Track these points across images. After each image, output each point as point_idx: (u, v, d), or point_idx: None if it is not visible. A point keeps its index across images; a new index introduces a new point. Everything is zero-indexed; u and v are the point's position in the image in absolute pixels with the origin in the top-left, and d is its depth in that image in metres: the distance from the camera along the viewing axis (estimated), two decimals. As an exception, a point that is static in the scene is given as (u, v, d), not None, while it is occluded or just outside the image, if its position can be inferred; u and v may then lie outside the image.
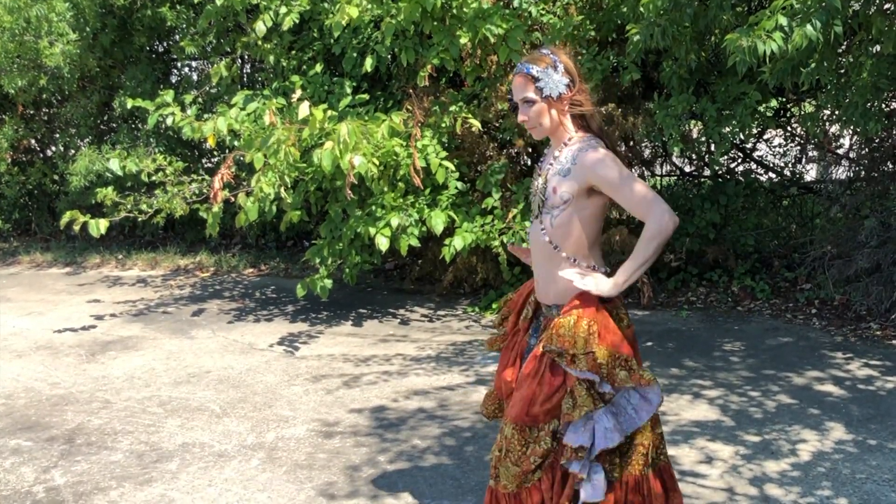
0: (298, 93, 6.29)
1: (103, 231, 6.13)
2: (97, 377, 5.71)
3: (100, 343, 6.55)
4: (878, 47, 4.97)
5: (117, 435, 4.66)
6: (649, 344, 6.09)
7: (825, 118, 6.54)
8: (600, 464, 2.77)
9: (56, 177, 10.67)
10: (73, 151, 10.02)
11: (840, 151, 7.60)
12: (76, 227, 6.15)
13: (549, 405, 2.80)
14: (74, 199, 9.72)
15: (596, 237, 2.89)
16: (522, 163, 7.33)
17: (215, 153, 9.74)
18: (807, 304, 6.68)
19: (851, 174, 7.38)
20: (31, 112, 10.79)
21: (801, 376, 5.25)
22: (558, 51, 2.87)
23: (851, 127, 6.26)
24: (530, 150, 7.15)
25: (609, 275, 2.86)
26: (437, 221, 6.12)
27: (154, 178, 6.97)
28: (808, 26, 4.07)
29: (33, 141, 11.23)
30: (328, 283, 6.42)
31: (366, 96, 6.77)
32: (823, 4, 4.05)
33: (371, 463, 4.20)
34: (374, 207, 6.27)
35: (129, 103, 6.59)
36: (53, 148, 11.31)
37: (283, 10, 6.53)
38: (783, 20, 4.16)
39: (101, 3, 8.60)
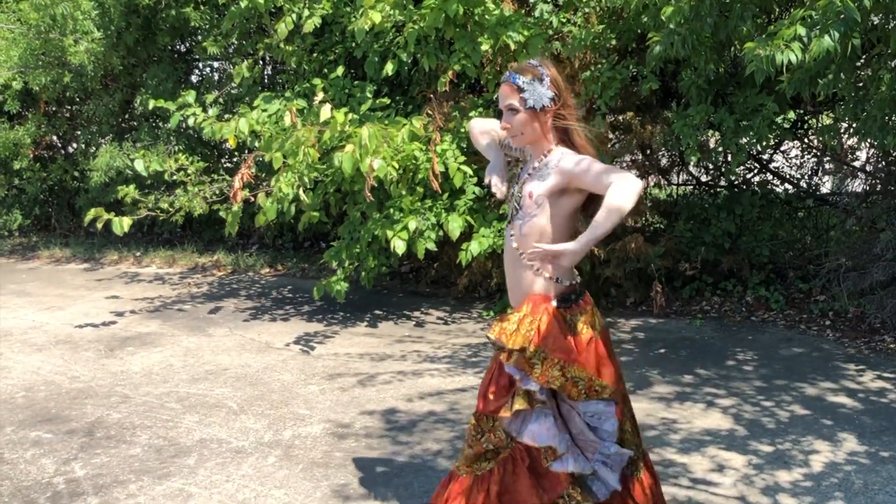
0: (320, 95, 6.35)
1: (126, 229, 6.20)
2: (116, 372, 5.78)
3: (118, 339, 6.63)
4: (896, 61, 5.00)
5: (136, 429, 4.73)
6: (663, 351, 6.12)
7: (842, 131, 6.56)
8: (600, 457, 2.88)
9: (77, 173, 10.77)
10: (94, 149, 10.11)
11: (856, 164, 7.60)
12: (99, 225, 6.23)
13: (503, 401, 2.91)
14: (94, 196, 9.83)
15: (564, 240, 2.88)
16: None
17: (235, 153, 9.81)
18: (821, 316, 6.69)
19: (868, 187, 7.38)
20: (54, 109, 10.90)
21: (815, 387, 5.27)
22: (548, 64, 2.92)
23: (868, 140, 6.28)
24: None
25: (574, 287, 2.96)
26: (455, 226, 6.17)
27: (175, 177, 7.05)
28: (826, 37, 4.08)
29: (55, 137, 11.34)
30: (345, 285, 6.48)
31: (387, 100, 6.83)
32: (842, 16, 4.07)
33: (386, 463, 4.24)
34: (391, 210, 6.33)
35: (152, 103, 6.67)
36: (75, 145, 11.41)
37: (306, 12, 6.59)
38: (801, 30, 4.18)
39: (125, 2, 8.68)
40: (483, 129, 3.25)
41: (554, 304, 2.89)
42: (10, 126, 10.04)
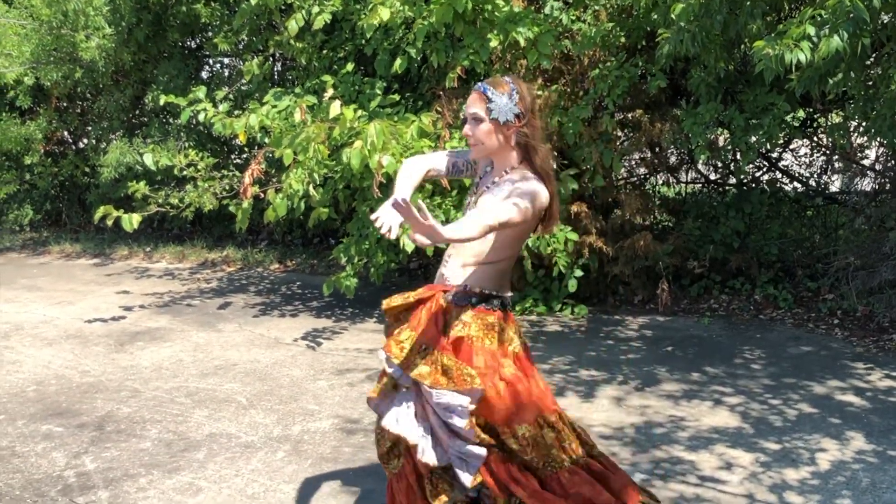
0: (330, 92, 6.37)
1: (136, 225, 6.24)
2: (126, 367, 5.82)
3: (128, 333, 6.67)
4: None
5: (146, 423, 4.76)
6: (670, 349, 6.12)
7: (852, 129, 6.55)
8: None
9: (87, 169, 10.82)
10: (104, 144, 10.16)
11: (866, 163, 7.59)
12: (109, 222, 6.26)
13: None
14: (105, 192, 9.87)
15: (505, 263, 3.00)
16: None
17: (245, 150, 9.84)
18: (829, 315, 6.69)
19: (877, 186, 7.37)
20: (65, 104, 10.95)
21: (823, 386, 5.27)
22: (520, 83, 2.96)
23: (878, 139, 6.27)
24: (555, 154, 7.19)
25: (504, 304, 3.03)
26: (464, 223, 6.17)
27: (185, 172, 7.08)
28: (835, 37, 4.09)
29: (66, 133, 11.40)
30: (354, 281, 6.51)
31: (396, 97, 6.84)
32: (851, 15, 4.07)
33: (394, 458, 4.26)
34: (401, 207, 6.33)
35: (163, 99, 6.71)
36: (85, 140, 11.46)
37: (316, 9, 6.61)
38: (811, 30, 4.18)
39: (137, -2, 8.74)
40: (421, 165, 3.15)
41: (450, 297, 2.99)
42: (21, 121, 10.09)
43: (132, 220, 6.22)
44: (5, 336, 6.60)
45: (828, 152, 7.98)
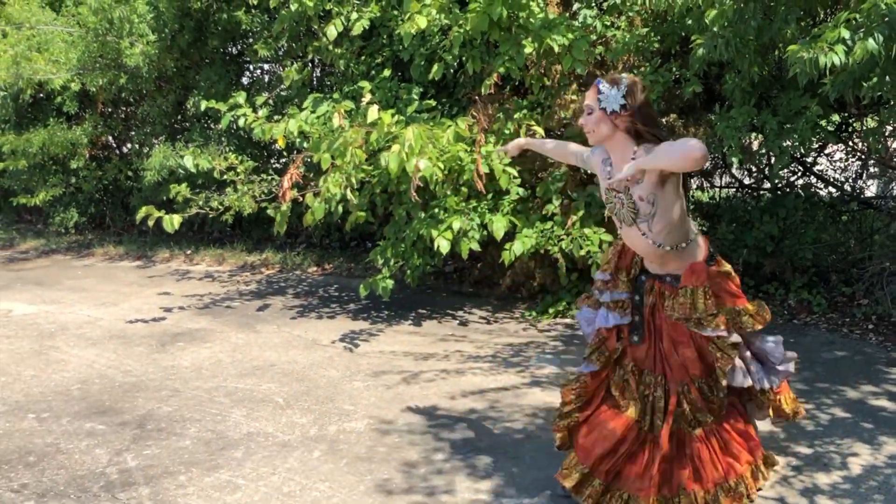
0: (368, 97, 6.46)
1: (177, 226, 6.35)
2: (166, 367, 5.95)
3: (169, 334, 6.81)
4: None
5: (186, 422, 4.88)
6: (704, 353, 6.12)
7: (887, 133, 6.52)
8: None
9: (130, 173, 11.00)
10: (147, 149, 10.33)
11: (901, 168, 7.55)
12: (150, 223, 6.39)
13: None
14: (147, 195, 10.03)
15: (683, 215, 3.39)
16: (583, 171, 7.41)
17: (284, 154, 9.97)
18: (864, 320, 6.66)
19: (913, 190, 7.33)
20: (110, 110, 11.15)
21: (856, 391, 5.26)
22: (634, 79, 3.32)
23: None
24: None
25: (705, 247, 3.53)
26: (499, 226, 6.25)
27: (225, 176, 7.21)
28: (870, 40, 4.09)
29: (111, 138, 11.58)
30: (390, 283, 6.59)
31: (433, 102, 6.92)
32: (886, 19, 4.08)
33: (427, 460, 4.33)
34: (436, 210, 6.42)
35: (204, 104, 6.84)
36: (129, 145, 11.65)
37: (354, 15, 6.71)
38: (845, 33, 4.19)
39: (179, 5, 8.88)
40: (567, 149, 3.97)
41: (711, 267, 3.47)
42: (68, 126, 10.28)
43: (173, 221, 6.34)
44: (51, 336, 6.77)
45: (863, 157, 7.93)
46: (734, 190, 8.68)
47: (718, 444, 3.53)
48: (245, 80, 10.53)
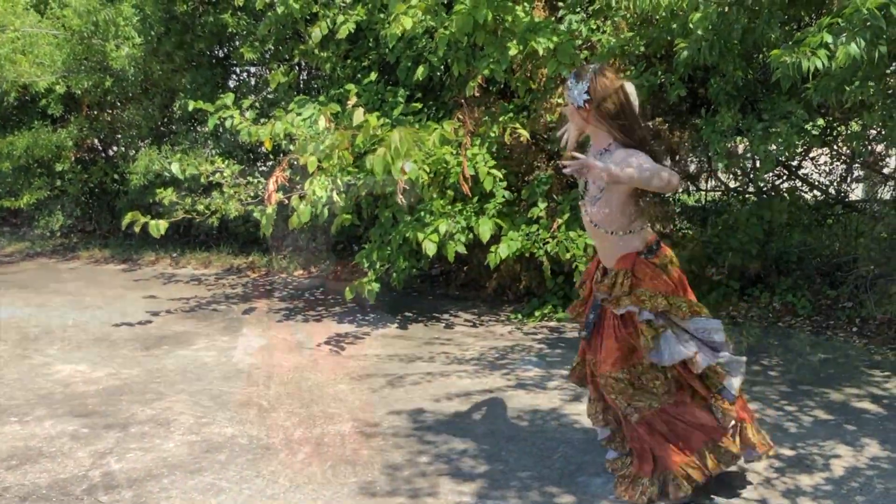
0: (353, 100, 6.46)
1: (163, 231, 6.35)
2: (151, 370, 5.93)
3: (154, 337, 6.79)
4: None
5: (170, 425, 4.86)
6: (689, 356, 6.14)
7: (871, 137, 6.55)
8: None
9: (116, 176, 10.97)
10: (133, 152, 10.31)
11: (886, 171, 7.58)
12: (137, 228, 6.38)
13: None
14: (133, 198, 10.01)
15: (631, 209, 3.50)
16: (569, 176, 7.42)
17: (271, 157, 9.96)
18: (848, 322, 6.69)
19: (896, 193, 7.37)
20: (96, 112, 11.10)
21: (839, 393, 5.28)
22: (603, 73, 3.40)
23: (896, 147, 6.27)
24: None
25: (650, 241, 3.62)
26: (485, 229, 6.26)
27: (212, 179, 7.19)
28: (853, 45, 4.12)
29: (96, 141, 11.55)
30: (376, 286, 6.59)
31: (419, 105, 6.93)
32: (868, 24, 4.11)
33: (412, 463, 4.32)
34: (422, 213, 6.42)
35: (191, 105, 6.82)
36: (115, 148, 11.62)
37: (340, 18, 6.72)
38: (828, 38, 4.22)
39: (165, 8, 8.86)
40: None
41: (641, 256, 3.57)
42: (53, 129, 10.25)
43: (159, 227, 6.33)
44: (35, 339, 6.75)
45: (848, 161, 7.96)
46: (719, 193, 8.71)
47: (662, 429, 3.67)
48: (231, 83, 10.51)
